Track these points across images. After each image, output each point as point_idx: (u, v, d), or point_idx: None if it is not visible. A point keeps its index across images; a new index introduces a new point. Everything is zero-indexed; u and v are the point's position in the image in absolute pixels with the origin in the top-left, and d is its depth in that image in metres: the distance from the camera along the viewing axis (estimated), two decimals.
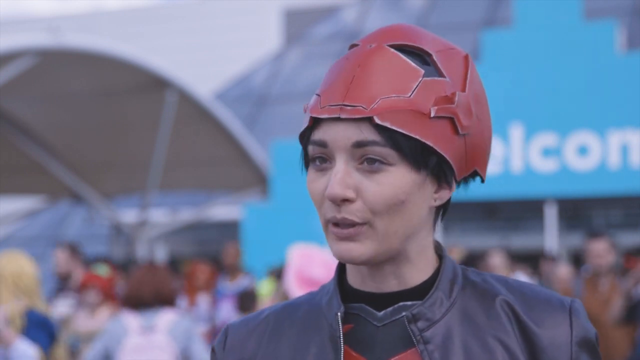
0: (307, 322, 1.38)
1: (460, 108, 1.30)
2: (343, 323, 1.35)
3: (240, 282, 8.56)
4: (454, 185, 1.34)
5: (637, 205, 14.11)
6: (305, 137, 1.35)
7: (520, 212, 15.03)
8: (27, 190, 17.90)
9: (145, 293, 5.57)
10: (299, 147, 1.38)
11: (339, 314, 1.34)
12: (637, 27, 16.31)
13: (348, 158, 1.29)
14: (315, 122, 1.32)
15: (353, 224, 1.29)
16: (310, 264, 5.13)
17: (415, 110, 1.28)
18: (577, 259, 14.00)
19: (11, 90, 12.85)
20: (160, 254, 18.94)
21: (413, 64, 1.31)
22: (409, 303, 1.34)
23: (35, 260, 6.35)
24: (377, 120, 1.26)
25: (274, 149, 14.41)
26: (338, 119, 1.29)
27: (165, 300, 5.63)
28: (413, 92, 1.28)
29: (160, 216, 17.64)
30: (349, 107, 1.28)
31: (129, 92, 14.05)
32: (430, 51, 1.33)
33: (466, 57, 1.36)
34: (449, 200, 1.37)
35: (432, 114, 1.28)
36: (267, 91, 19.90)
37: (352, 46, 1.37)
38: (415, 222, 1.32)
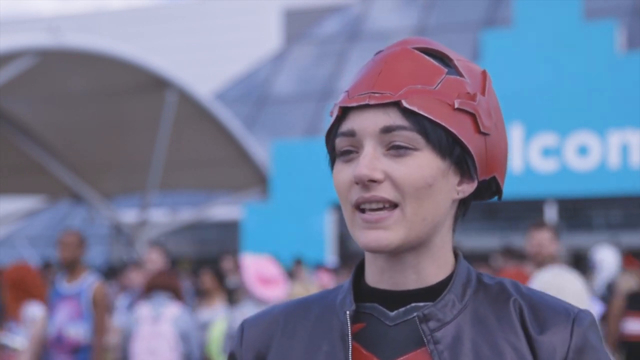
0: (320, 320, 1.40)
1: (481, 108, 1.36)
2: (355, 322, 1.37)
3: (82, 282, 6.68)
4: (476, 181, 1.37)
5: (637, 205, 14.12)
6: (332, 133, 1.38)
7: (520, 212, 15.03)
8: (27, 190, 17.91)
9: (159, 283, 6.57)
10: (299, 147, 1.40)
11: (348, 312, 1.36)
12: (637, 27, 16.31)
13: (376, 144, 1.32)
14: (343, 114, 1.36)
15: (383, 203, 1.31)
16: (265, 266, 6.32)
17: (440, 99, 1.33)
18: (578, 259, 14.00)
19: (11, 90, 12.85)
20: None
21: (436, 63, 1.36)
22: (421, 304, 1.35)
23: (35, 260, 6.37)
24: (405, 104, 1.31)
25: (274, 149, 14.41)
26: (366, 107, 1.33)
27: (174, 292, 6.59)
28: (438, 84, 1.34)
29: (160, 216, 17.64)
30: (377, 94, 1.33)
31: (129, 92, 14.05)
32: (451, 56, 1.38)
33: (484, 72, 1.41)
34: (470, 200, 1.40)
35: (456, 105, 1.33)
36: (267, 91, 19.90)
37: (378, 53, 1.42)
38: (442, 210, 1.34)
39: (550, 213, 13.53)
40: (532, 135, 13.16)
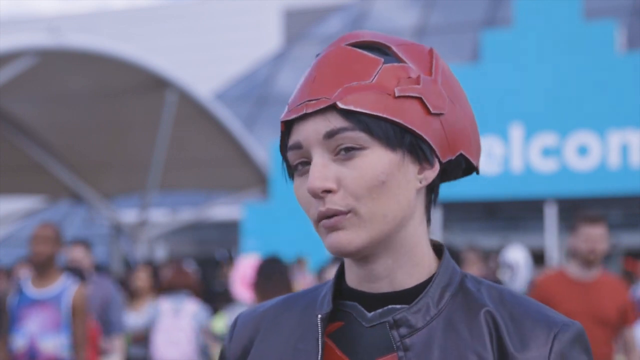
0: (302, 315, 1.39)
1: (427, 89, 1.31)
2: (335, 320, 1.35)
3: (59, 285, 5.59)
4: (437, 165, 1.33)
5: (637, 205, 14.11)
6: (283, 148, 1.36)
7: (520, 212, 15.03)
8: (27, 190, 17.91)
9: (179, 281, 7.31)
10: None
11: (319, 316, 1.34)
12: (637, 27, 16.31)
13: (323, 152, 1.29)
14: (287, 128, 1.34)
15: (337, 214, 1.28)
16: (253, 267, 6.60)
17: (378, 91, 1.29)
18: None
19: (11, 90, 12.86)
20: (160, 254, 18.94)
21: (371, 55, 1.33)
22: (397, 306, 1.32)
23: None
24: (340, 105, 1.27)
25: (274, 149, 14.41)
26: (305, 116, 1.30)
27: (192, 290, 7.32)
28: (374, 77, 1.30)
29: (160, 216, 17.65)
30: (313, 101, 1.30)
31: (129, 92, 14.05)
32: (388, 44, 1.34)
33: (431, 50, 1.37)
34: (437, 185, 1.37)
35: (397, 94, 1.29)
36: (267, 91, 19.90)
37: (317, 55, 1.39)
38: (403, 204, 1.30)
39: (550, 213, 13.53)
40: (532, 135, 13.16)
